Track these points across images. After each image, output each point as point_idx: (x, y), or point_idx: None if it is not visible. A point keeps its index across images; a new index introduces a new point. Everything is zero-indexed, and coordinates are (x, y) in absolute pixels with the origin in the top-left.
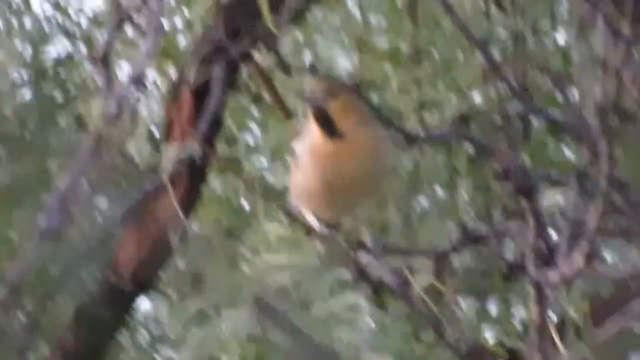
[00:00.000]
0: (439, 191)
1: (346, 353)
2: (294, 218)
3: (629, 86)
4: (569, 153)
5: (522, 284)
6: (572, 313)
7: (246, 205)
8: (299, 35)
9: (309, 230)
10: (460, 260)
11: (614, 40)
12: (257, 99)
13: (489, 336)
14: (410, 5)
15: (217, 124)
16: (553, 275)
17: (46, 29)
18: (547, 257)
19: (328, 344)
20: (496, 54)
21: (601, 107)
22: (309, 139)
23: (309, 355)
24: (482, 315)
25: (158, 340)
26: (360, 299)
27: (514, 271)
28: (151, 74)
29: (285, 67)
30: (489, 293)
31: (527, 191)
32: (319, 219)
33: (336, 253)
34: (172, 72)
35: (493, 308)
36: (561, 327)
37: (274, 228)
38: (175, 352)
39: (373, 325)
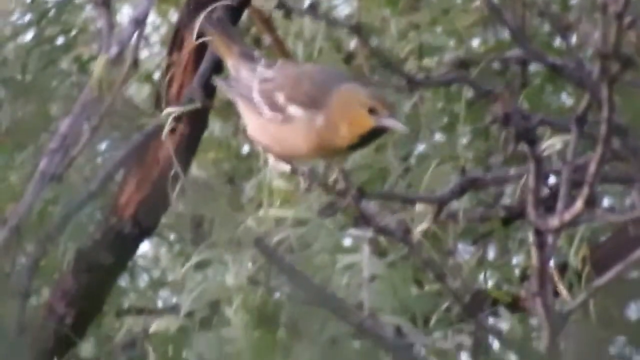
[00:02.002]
0: (439, 136)
1: (347, 296)
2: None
3: (629, 32)
4: (567, 99)
5: (521, 229)
6: (572, 259)
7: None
8: None
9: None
10: (460, 206)
11: None
12: (257, 42)
13: (488, 282)
14: None
15: (217, 67)
16: (553, 221)
17: None
18: (547, 202)
19: (329, 288)
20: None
21: (601, 52)
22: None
23: (310, 299)
24: (481, 260)
25: (158, 284)
26: (360, 244)
27: (514, 216)
28: (152, 18)
29: (285, 9)
30: (488, 239)
31: (528, 136)
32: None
33: (337, 200)
34: (173, 16)
35: (492, 254)
36: (561, 273)
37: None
38: (176, 296)
39: (373, 269)
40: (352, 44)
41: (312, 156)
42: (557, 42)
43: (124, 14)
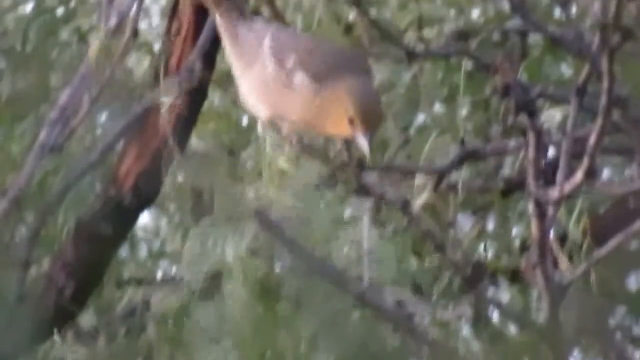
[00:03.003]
0: (438, 107)
1: (347, 267)
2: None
3: (629, 2)
4: (566, 70)
5: (520, 201)
6: (572, 230)
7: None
8: None
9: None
10: (459, 177)
11: None
12: (256, 14)
13: (488, 253)
14: None
15: (217, 39)
16: (553, 192)
17: None
18: (547, 173)
19: (329, 259)
20: None
21: (601, 23)
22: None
23: (310, 270)
24: (481, 232)
25: (158, 255)
26: (360, 214)
27: (513, 188)
28: None
29: None
30: (487, 210)
31: (528, 107)
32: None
33: (337, 170)
34: None
35: (491, 225)
36: (561, 244)
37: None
38: (176, 267)
39: (373, 241)
40: (352, 15)
41: (305, 129)
42: (557, 13)
43: None
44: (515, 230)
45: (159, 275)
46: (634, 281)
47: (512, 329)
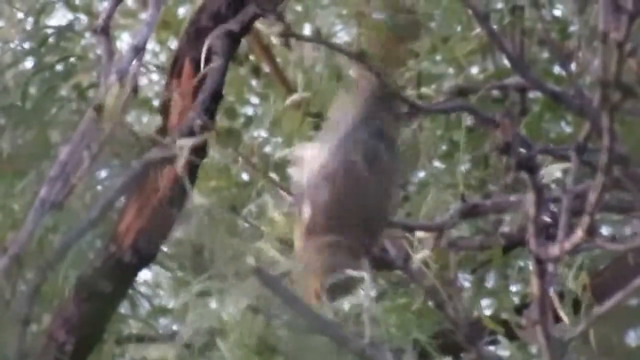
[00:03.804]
0: (438, 164)
1: (346, 323)
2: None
3: (629, 59)
4: (566, 127)
5: (520, 257)
6: (571, 287)
7: (245, 177)
8: (297, 7)
9: None
10: (459, 234)
11: (615, 13)
12: (256, 70)
13: (487, 310)
14: None
15: (217, 95)
16: (553, 249)
17: None
18: (547, 231)
19: (328, 315)
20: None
21: (602, 80)
22: None
23: (310, 327)
24: (480, 289)
25: (159, 311)
26: (361, 272)
27: (513, 244)
28: (151, 45)
29: (289, 34)
30: (487, 267)
31: (529, 165)
32: None
33: None
34: (172, 43)
35: (491, 282)
36: (560, 301)
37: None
38: (176, 324)
39: (373, 296)
40: (352, 71)
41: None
42: (556, 69)
43: (124, 41)
44: (514, 287)
45: (160, 331)
46: (633, 337)
47: None
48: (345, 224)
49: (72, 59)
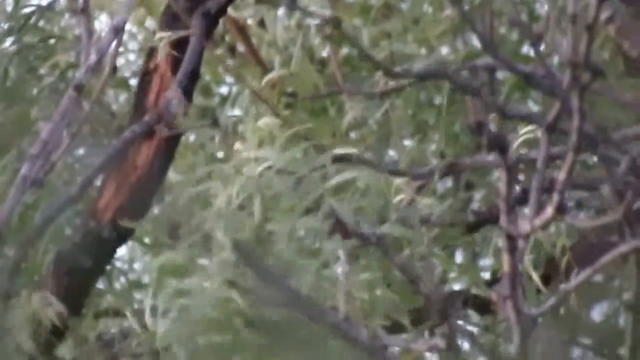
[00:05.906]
0: (409, 143)
1: (320, 298)
2: None
3: (607, 26)
4: (534, 106)
5: (488, 235)
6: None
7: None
8: None
9: None
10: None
11: None
12: (231, 50)
13: (457, 286)
14: None
15: (194, 75)
16: (524, 226)
17: None
18: (517, 208)
19: (303, 290)
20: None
21: (572, 61)
22: None
23: (287, 301)
24: (450, 265)
25: (135, 287)
26: (335, 248)
27: (484, 221)
28: (128, 26)
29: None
30: (456, 243)
31: (500, 145)
32: None
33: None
34: (150, 24)
35: (460, 258)
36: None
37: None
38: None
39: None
40: (325, 52)
41: None
42: (526, 49)
43: (102, 22)
44: (483, 262)
45: (135, 305)
46: (598, 312)
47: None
48: None
49: (51, 40)
